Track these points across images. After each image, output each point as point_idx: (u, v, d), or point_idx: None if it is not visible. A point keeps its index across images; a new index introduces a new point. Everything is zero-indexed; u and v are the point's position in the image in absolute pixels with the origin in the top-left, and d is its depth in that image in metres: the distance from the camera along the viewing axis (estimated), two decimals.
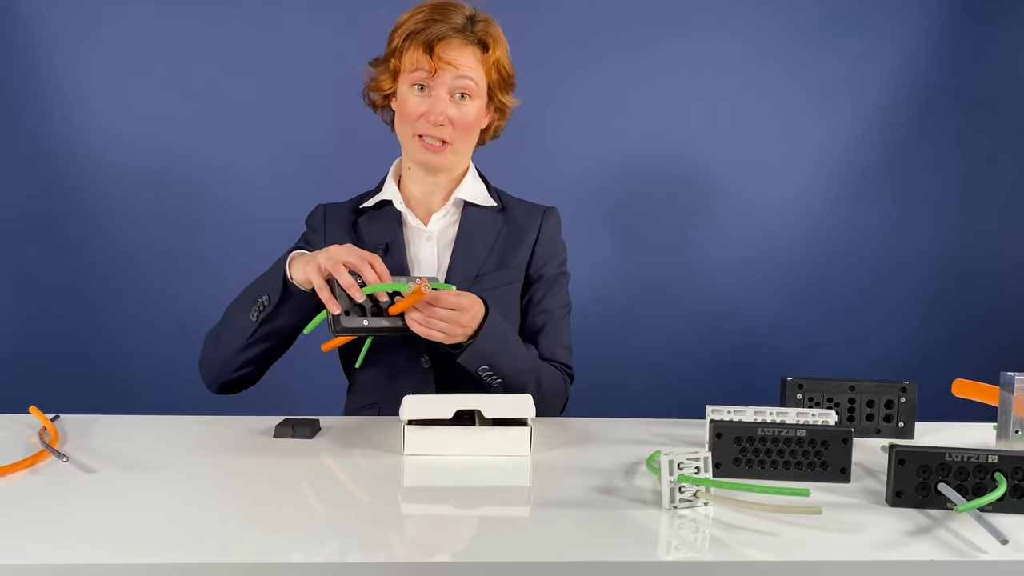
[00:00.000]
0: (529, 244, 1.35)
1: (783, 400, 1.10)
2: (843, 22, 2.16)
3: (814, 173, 2.20)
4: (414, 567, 0.64)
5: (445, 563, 0.64)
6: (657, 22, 2.13)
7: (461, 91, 1.24)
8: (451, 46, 1.23)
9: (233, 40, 2.02)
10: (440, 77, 1.23)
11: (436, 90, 1.24)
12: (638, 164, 2.17)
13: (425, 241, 1.32)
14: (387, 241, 1.31)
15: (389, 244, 1.30)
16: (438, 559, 0.64)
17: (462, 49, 1.24)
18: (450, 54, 1.23)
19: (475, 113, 1.27)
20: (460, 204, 1.34)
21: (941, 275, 2.25)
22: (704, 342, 2.20)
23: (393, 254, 1.29)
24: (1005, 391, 1.04)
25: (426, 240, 1.32)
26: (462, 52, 1.24)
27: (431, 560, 0.64)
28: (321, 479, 0.85)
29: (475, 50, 1.25)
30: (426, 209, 1.34)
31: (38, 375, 2.01)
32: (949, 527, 0.74)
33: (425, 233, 1.32)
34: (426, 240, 1.32)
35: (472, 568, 0.64)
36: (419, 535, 0.70)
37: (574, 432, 1.11)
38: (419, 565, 0.64)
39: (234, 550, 0.65)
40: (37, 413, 1.06)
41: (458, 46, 1.23)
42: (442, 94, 1.23)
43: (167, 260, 2.05)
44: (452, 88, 1.24)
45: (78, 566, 0.62)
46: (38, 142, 2.00)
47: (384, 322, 1.10)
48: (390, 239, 1.31)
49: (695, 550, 0.68)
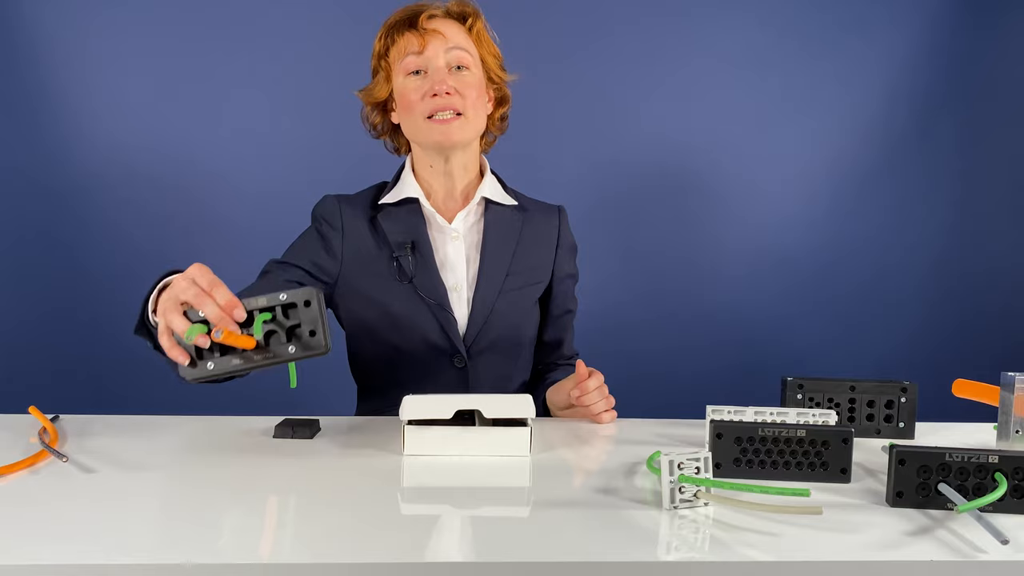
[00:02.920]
0: (552, 244, 1.37)
1: (783, 400, 1.10)
2: (843, 24, 2.16)
3: (814, 174, 2.20)
4: (414, 567, 0.63)
5: (445, 563, 0.64)
6: (657, 24, 2.13)
7: (456, 63, 1.24)
8: (435, 19, 1.25)
9: (233, 40, 2.02)
10: (431, 49, 1.23)
11: (432, 63, 1.23)
12: (638, 165, 2.17)
13: (451, 240, 1.30)
14: (412, 240, 1.27)
15: (416, 243, 1.27)
16: (438, 559, 0.64)
17: (445, 20, 1.26)
18: (435, 24, 1.24)
19: (476, 81, 1.26)
20: (482, 203, 1.33)
21: (941, 275, 2.25)
22: (704, 342, 2.20)
23: (422, 253, 1.27)
24: (1005, 391, 1.04)
25: (452, 239, 1.30)
26: (446, 24, 1.25)
27: (431, 560, 0.64)
28: (321, 479, 0.85)
29: (457, 24, 1.26)
30: (447, 207, 1.32)
31: (38, 375, 2.01)
32: (949, 527, 0.74)
33: (451, 232, 1.29)
34: (452, 239, 1.30)
35: (472, 568, 0.64)
36: (419, 535, 0.70)
37: (574, 432, 1.11)
38: (419, 565, 0.64)
39: (234, 550, 0.65)
40: (37, 413, 1.06)
41: (441, 19, 1.26)
42: (439, 65, 1.23)
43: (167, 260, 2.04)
44: (447, 61, 1.24)
45: (78, 566, 0.62)
46: (38, 143, 2.00)
47: (235, 360, 0.87)
48: (415, 238, 1.27)
49: (695, 550, 0.68)
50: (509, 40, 1.34)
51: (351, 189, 1.40)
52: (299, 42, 2.04)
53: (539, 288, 1.35)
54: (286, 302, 0.86)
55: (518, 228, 1.33)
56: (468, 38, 1.26)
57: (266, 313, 0.86)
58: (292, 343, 0.86)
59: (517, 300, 1.30)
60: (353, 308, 1.30)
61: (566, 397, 1.19)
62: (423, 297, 1.25)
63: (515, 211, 1.35)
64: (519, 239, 1.32)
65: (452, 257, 1.29)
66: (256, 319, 0.86)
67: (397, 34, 1.25)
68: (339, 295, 1.30)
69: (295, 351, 0.86)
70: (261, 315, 0.86)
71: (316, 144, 2.05)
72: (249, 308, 0.86)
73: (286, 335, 0.86)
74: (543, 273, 1.35)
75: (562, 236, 1.39)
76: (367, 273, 1.27)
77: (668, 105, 2.15)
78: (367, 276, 1.27)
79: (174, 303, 0.89)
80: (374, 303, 1.27)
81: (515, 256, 1.31)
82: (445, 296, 1.26)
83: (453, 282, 1.28)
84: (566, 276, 1.40)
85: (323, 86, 2.01)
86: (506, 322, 1.29)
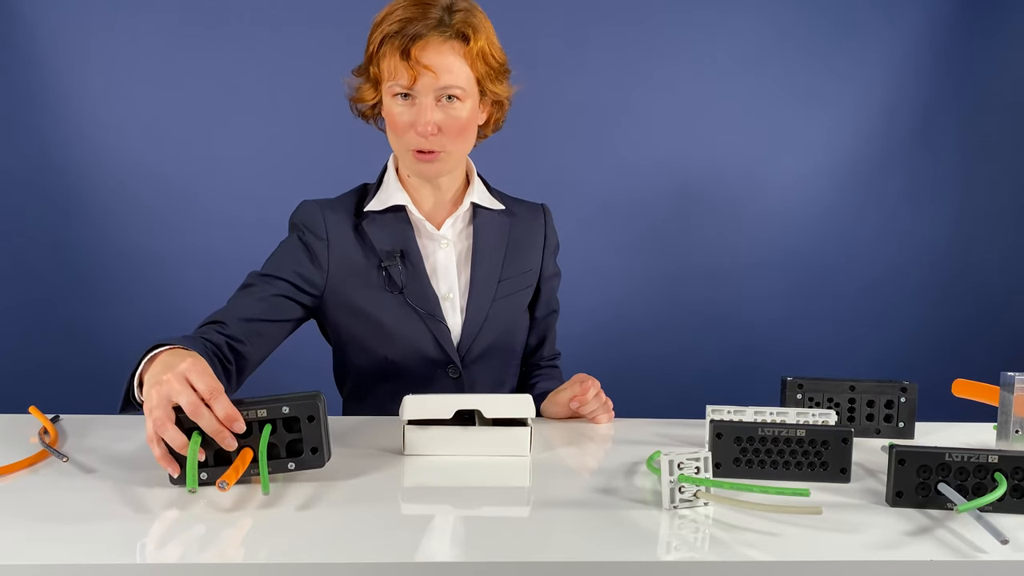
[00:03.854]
0: (539, 246, 1.35)
1: (783, 400, 1.10)
2: (844, 25, 2.16)
3: (815, 175, 2.20)
4: (414, 567, 0.63)
5: (445, 563, 0.64)
6: (658, 25, 2.13)
7: (447, 95, 1.15)
8: (429, 46, 1.12)
9: (233, 40, 2.03)
10: (421, 83, 1.13)
11: (420, 97, 1.14)
12: (637, 166, 2.17)
13: (441, 248, 1.26)
14: (401, 248, 1.23)
15: (405, 251, 1.23)
16: (438, 559, 0.64)
17: (440, 48, 1.13)
18: (428, 56, 1.12)
19: (466, 114, 1.17)
20: (471, 208, 1.30)
21: (941, 275, 2.25)
22: (704, 342, 2.20)
23: (412, 262, 1.23)
24: (1005, 391, 1.04)
25: (442, 247, 1.26)
26: (440, 52, 1.13)
27: (431, 560, 0.64)
28: (321, 479, 0.85)
29: (456, 44, 1.14)
30: (434, 213, 1.28)
31: (38, 375, 2.01)
32: (949, 527, 0.74)
33: (441, 239, 1.26)
34: (442, 247, 1.26)
35: (472, 568, 0.64)
36: (419, 535, 0.70)
37: (574, 432, 1.11)
38: (419, 565, 0.64)
39: (233, 550, 0.65)
40: (37, 413, 1.06)
41: (436, 45, 1.12)
42: (427, 101, 1.14)
43: (167, 260, 2.05)
44: (437, 93, 1.14)
45: (78, 566, 0.62)
46: (39, 143, 2.00)
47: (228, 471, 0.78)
48: (404, 246, 1.23)
49: (695, 550, 0.68)
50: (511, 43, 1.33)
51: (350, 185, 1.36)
52: (299, 42, 2.04)
53: (530, 292, 1.34)
54: (289, 416, 0.80)
55: (507, 232, 1.31)
56: (464, 63, 1.15)
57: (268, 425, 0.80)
58: (291, 459, 0.81)
59: (510, 306, 1.29)
60: (340, 320, 1.25)
61: (564, 409, 1.19)
62: (414, 307, 1.22)
63: (503, 215, 1.32)
64: (508, 243, 1.30)
65: (443, 265, 1.25)
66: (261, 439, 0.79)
67: (389, 53, 1.14)
68: (325, 306, 1.24)
69: (293, 467, 0.81)
70: (264, 431, 0.80)
71: (320, 144, 2.05)
72: (248, 420, 0.80)
73: (286, 449, 0.82)
74: (533, 276, 1.34)
75: (548, 236, 1.37)
76: (355, 284, 1.22)
77: (668, 106, 2.15)
78: (355, 287, 1.22)
79: (165, 408, 0.79)
80: (363, 314, 1.22)
81: (506, 261, 1.29)
82: (437, 305, 1.23)
83: (445, 291, 1.25)
84: (551, 276, 1.39)
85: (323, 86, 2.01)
86: (500, 329, 1.28)
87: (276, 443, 0.81)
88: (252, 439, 0.80)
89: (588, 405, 1.16)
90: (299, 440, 0.81)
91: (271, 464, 0.80)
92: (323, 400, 0.82)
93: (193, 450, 0.77)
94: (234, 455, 0.80)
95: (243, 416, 0.79)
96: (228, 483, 0.73)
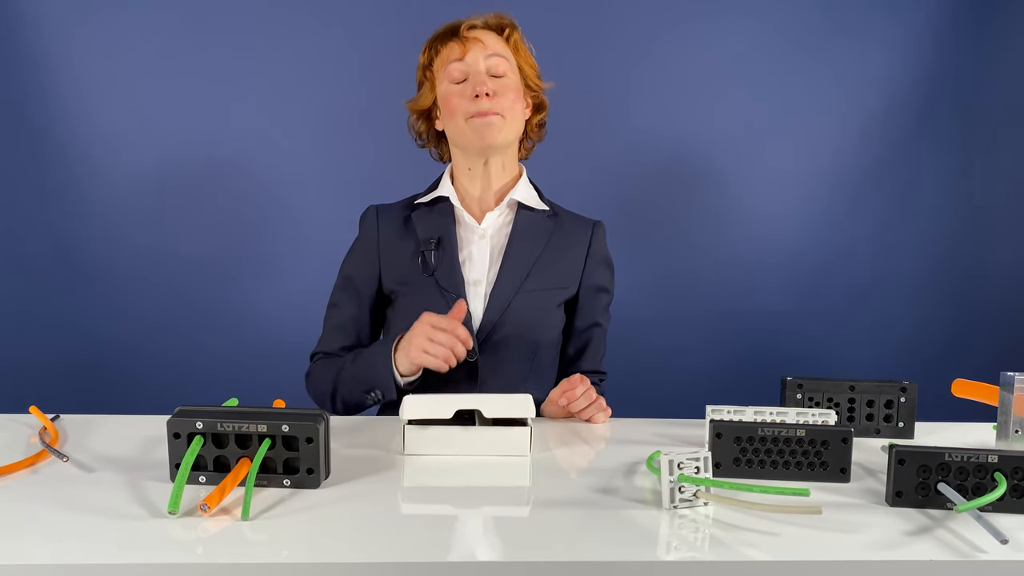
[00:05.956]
0: (580, 254, 1.39)
1: (783, 400, 1.10)
2: (843, 24, 2.16)
3: (815, 174, 2.20)
4: (414, 567, 0.64)
5: (445, 563, 0.64)
6: (657, 25, 2.13)
7: (495, 71, 1.31)
8: (475, 29, 1.33)
9: (234, 40, 2.02)
10: (472, 55, 1.30)
11: (473, 68, 1.30)
12: (637, 166, 2.17)
13: (478, 239, 1.34)
14: (440, 235, 1.33)
15: (442, 238, 1.33)
16: (438, 559, 0.64)
17: (484, 31, 1.33)
18: (476, 32, 1.32)
19: (513, 85, 1.32)
20: (514, 206, 1.38)
21: (941, 275, 2.25)
22: (704, 342, 2.20)
23: (446, 249, 1.32)
24: (1005, 391, 1.04)
25: (479, 238, 1.35)
26: (486, 33, 1.33)
27: (431, 560, 0.64)
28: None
29: (495, 35, 1.34)
30: (480, 209, 1.37)
31: (38, 375, 2.01)
32: (949, 527, 0.74)
33: (479, 231, 1.35)
34: (479, 238, 1.35)
35: (472, 568, 0.64)
36: (419, 535, 0.70)
37: (574, 432, 1.11)
38: (419, 565, 0.64)
39: (233, 550, 0.65)
40: (37, 413, 1.06)
41: (481, 29, 1.34)
42: (479, 69, 1.29)
43: (168, 260, 2.05)
44: (487, 67, 1.30)
45: (78, 566, 0.62)
46: (39, 142, 2.00)
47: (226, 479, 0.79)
48: (442, 233, 1.33)
49: (695, 550, 0.68)
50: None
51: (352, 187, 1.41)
52: (299, 41, 2.04)
53: (562, 294, 1.36)
54: (288, 435, 0.80)
55: (547, 233, 1.37)
56: (506, 47, 1.33)
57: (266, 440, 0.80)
58: (287, 476, 0.81)
59: (535, 301, 1.32)
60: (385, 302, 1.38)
61: (557, 407, 1.20)
62: (443, 290, 1.29)
63: (547, 217, 1.39)
64: (547, 243, 1.36)
65: (476, 255, 1.33)
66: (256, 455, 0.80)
67: (440, 44, 1.34)
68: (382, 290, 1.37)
69: (288, 484, 0.81)
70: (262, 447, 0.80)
71: (317, 144, 2.05)
72: (249, 432, 0.80)
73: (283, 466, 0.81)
74: (568, 280, 1.37)
75: (594, 247, 1.41)
76: (397, 267, 1.35)
77: (669, 105, 2.14)
78: (396, 269, 1.34)
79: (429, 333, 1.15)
80: (399, 295, 1.34)
81: (540, 258, 1.34)
82: (463, 289, 1.30)
83: (474, 278, 1.32)
84: (595, 288, 1.41)
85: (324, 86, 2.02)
86: (521, 320, 1.31)
87: (274, 458, 0.81)
88: (251, 450, 0.81)
89: (578, 403, 1.16)
90: (297, 459, 0.81)
91: (267, 478, 0.81)
92: (326, 421, 0.82)
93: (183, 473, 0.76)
94: (232, 462, 0.81)
95: (243, 427, 0.80)
96: (209, 506, 0.73)
